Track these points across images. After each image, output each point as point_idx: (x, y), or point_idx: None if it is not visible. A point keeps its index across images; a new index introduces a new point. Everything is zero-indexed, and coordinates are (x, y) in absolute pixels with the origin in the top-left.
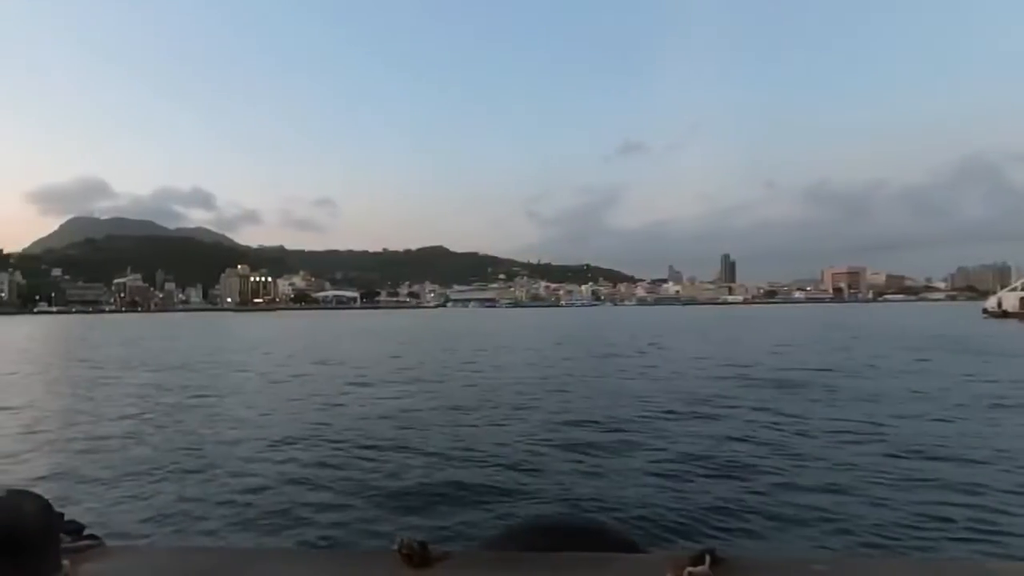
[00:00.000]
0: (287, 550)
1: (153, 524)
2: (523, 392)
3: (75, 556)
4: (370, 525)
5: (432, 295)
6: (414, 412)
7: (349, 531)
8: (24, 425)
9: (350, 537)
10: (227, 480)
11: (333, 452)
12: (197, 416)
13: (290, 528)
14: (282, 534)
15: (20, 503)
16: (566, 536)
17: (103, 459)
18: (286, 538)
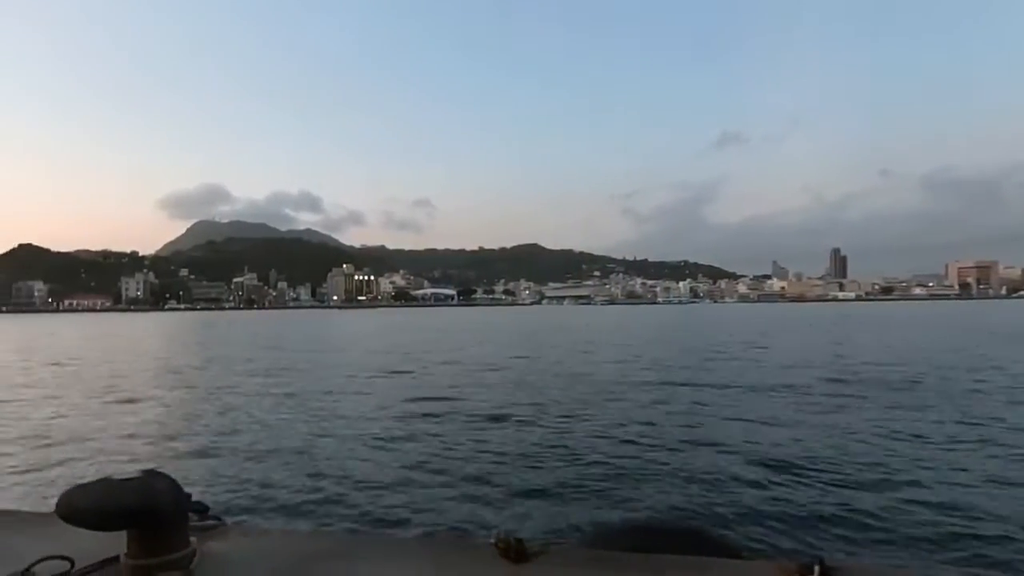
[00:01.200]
0: (389, 538)
1: (268, 507)
2: (624, 389)
3: (201, 534)
4: (469, 518)
5: (527, 292)
6: (518, 407)
7: (448, 522)
8: (157, 413)
9: (448, 528)
10: (338, 468)
11: (439, 445)
12: (313, 407)
13: (393, 517)
14: (385, 522)
15: (154, 483)
16: (664, 538)
17: (226, 444)
18: (388, 526)
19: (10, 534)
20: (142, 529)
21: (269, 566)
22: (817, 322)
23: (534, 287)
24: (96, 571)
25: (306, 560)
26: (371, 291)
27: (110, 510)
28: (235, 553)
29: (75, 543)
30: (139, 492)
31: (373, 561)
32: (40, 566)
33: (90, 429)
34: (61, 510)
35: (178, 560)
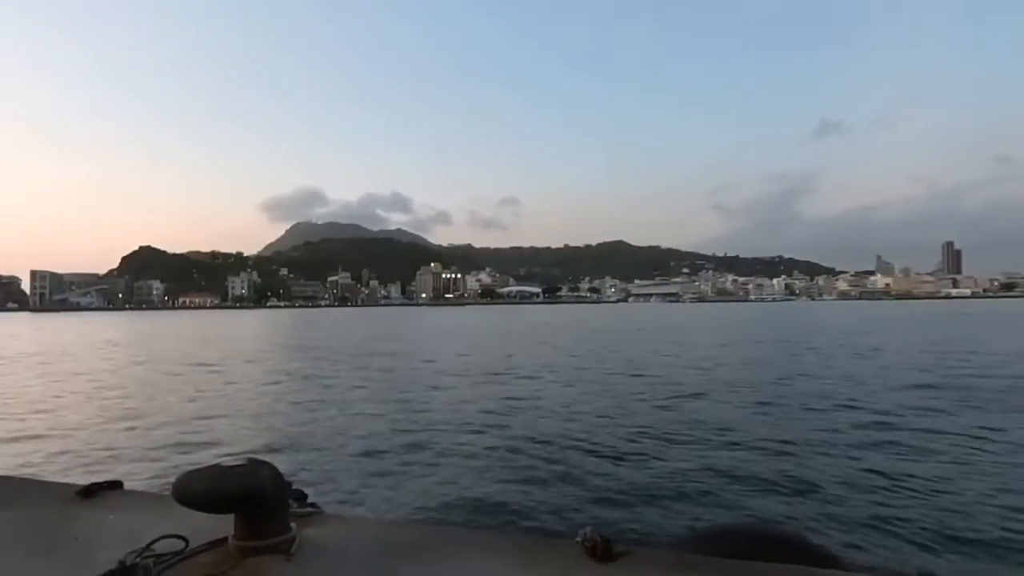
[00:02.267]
0: (476, 531)
1: (361, 496)
2: (719, 389)
3: (300, 520)
4: (556, 515)
5: (613, 290)
6: (605, 406)
7: (534, 518)
8: (262, 403)
9: (535, 524)
10: (430, 460)
11: (528, 440)
12: (408, 400)
13: (480, 510)
14: (472, 515)
15: (258, 470)
16: (758, 545)
17: (323, 435)
18: (475, 519)
19: (134, 513)
20: (247, 513)
21: (362, 553)
22: (933, 321)
23: (620, 285)
24: (207, 550)
25: (396, 549)
26: (458, 289)
27: (219, 494)
28: (331, 540)
29: (189, 523)
30: (245, 478)
31: (460, 553)
32: (159, 543)
33: (204, 417)
34: (176, 493)
35: (280, 544)
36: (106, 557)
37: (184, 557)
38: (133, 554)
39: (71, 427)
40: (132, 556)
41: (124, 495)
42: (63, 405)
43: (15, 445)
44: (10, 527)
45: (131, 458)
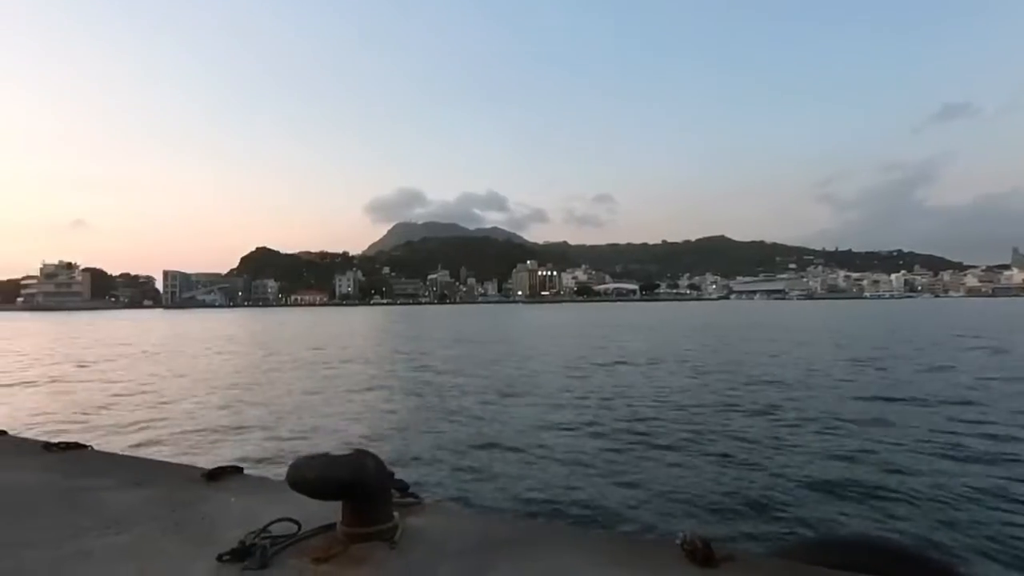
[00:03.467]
0: (573, 528)
1: (461, 489)
2: (837, 394)
3: (402, 509)
4: (654, 515)
5: (714, 287)
6: (711, 404)
7: (633, 517)
8: (370, 396)
9: (632, 524)
10: (528, 455)
11: (629, 438)
12: (506, 395)
13: (578, 506)
14: (570, 511)
15: (364, 460)
16: (872, 558)
17: (423, 427)
18: (572, 515)
19: (252, 496)
20: (354, 501)
21: (460, 544)
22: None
23: (721, 281)
24: (317, 534)
25: (493, 542)
26: (554, 286)
27: (328, 482)
28: (431, 529)
29: (301, 508)
30: (351, 468)
31: (556, 549)
32: (275, 526)
33: (318, 409)
34: (289, 479)
35: (383, 532)
36: (228, 536)
37: (297, 540)
38: (252, 534)
39: (198, 415)
40: (251, 536)
41: (244, 479)
42: (191, 395)
43: (153, 430)
44: (147, 505)
45: (250, 445)
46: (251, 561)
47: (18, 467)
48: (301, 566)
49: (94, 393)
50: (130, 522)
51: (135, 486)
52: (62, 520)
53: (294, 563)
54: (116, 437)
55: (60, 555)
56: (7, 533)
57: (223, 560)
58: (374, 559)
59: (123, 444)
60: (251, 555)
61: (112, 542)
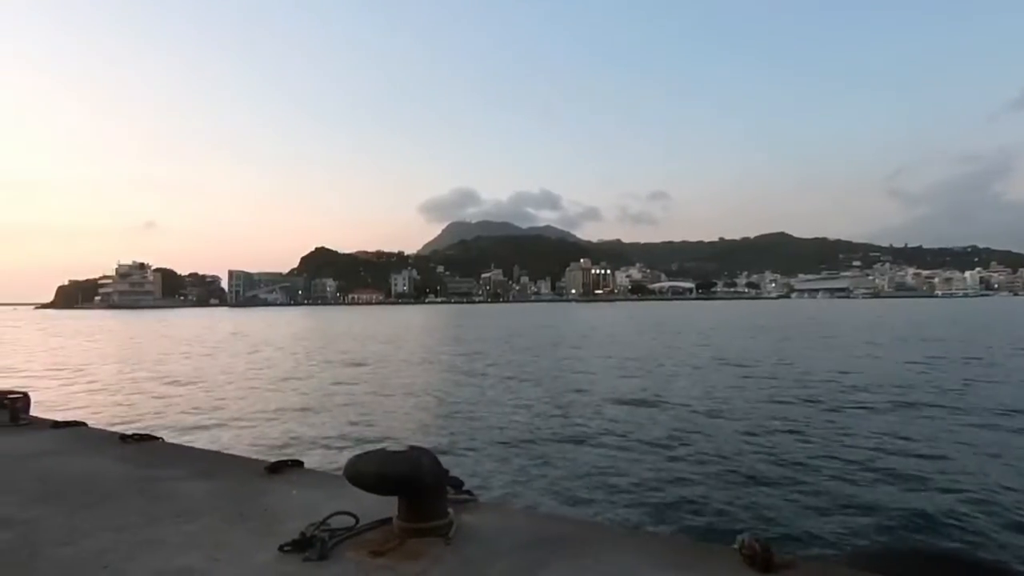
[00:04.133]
0: (629, 529)
1: (514, 487)
2: (911, 396)
3: (457, 506)
4: (710, 517)
5: (773, 285)
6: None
7: (691, 519)
8: (425, 394)
9: (688, 526)
10: (581, 453)
11: (685, 438)
12: (564, 394)
13: (633, 507)
14: (624, 511)
15: (419, 457)
16: (944, 568)
17: (478, 425)
18: (627, 516)
19: (312, 490)
20: (409, 496)
21: (514, 542)
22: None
23: (781, 279)
24: (374, 528)
25: (547, 541)
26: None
27: (384, 478)
28: (485, 527)
29: (358, 502)
30: (407, 464)
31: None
32: (334, 519)
33: (377, 405)
34: (347, 474)
35: (438, 527)
36: (290, 527)
37: (354, 533)
38: (312, 526)
39: (261, 409)
40: (311, 528)
41: (304, 473)
42: (255, 390)
43: (220, 423)
44: (213, 496)
45: (310, 440)
46: (311, 552)
47: (97, 457)
48: (359, 559)
49: (166, 388)
50: (198, 511)
51: (203, 477)
52: (137, 508)
53: (352, 556)
54: (185, 430)
55: (137, 540)
56: (91, 518)
57: (285, 550)
58: (430, 554)
59: (192, 437)
60: (311, 546)
61: (182, 530)
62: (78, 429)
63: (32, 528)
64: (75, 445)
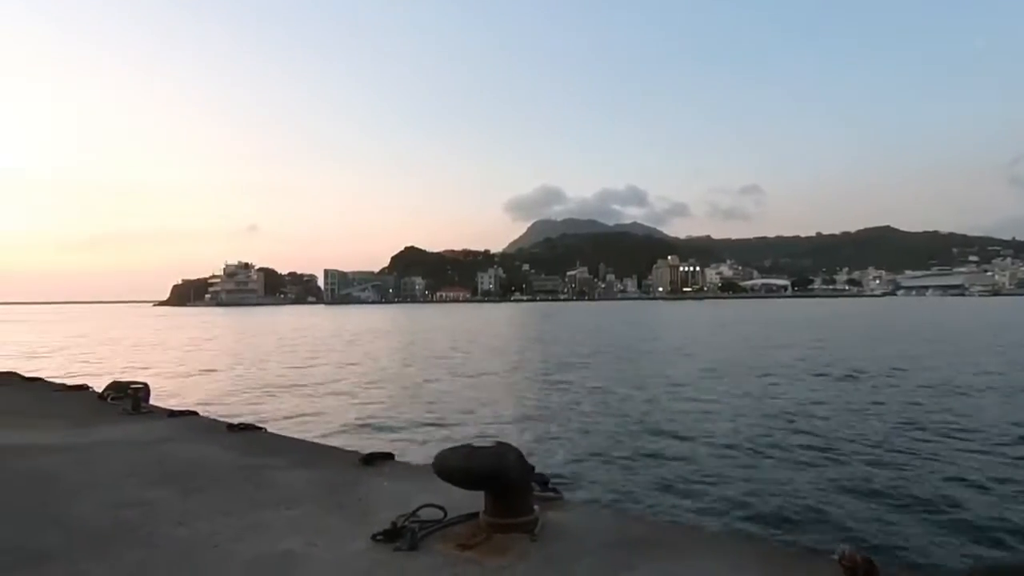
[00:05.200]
0: (720, 534)
1: (601, 486)
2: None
3: (543, 503)
4: (807, 526)
5: (877, 282)
6: (893, 416)
7: (781, 527)
8: (514, 391)
9: (788, 535)
10: (673, 456)
11: (782, 442)
12: (653, 394)
13: (725, 512)
14: (714, 516)
15: (505, 453)
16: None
17: (566, 422)
18: (717, 521)
19: (403, 482)
20: (495, 492)
21: (600, 541)
22: None
23: (886, 275)
24: (462, 522)
25: (633, 542)
26: (696, 282)
27: (471, 472)
28: (571, 525)
29: (446, 496)
30: (493, 459)
31: (698, 555)
32: (423, 511)
33: (465, 400)
34: (435, 467)
35: (524, 524)
36: (382, 517)
37: (443, 526)
38: (402, 517)
39: (355, 402)
40: (401, 519)
41: (395, 465)
42: (350, 384)
43: (317, 415)
44: (311, 484)
45: (400, 433)
46: (402, 542)
47: (207, 445)
48: (446, 551)
49: (269, 380)
50: (298, 499)
51: (302, 467)
52: (243, 493)
53: (440, 548)
54: (286, 420)
55: (243, 524)
56: (202, 501)
57: (377, 540)
58: (516, 550)
59: (291, 427)
60: (402, 537)
61: (283, 516)
62: (190, 418)
63: (151, 508)
64: (188, 433)
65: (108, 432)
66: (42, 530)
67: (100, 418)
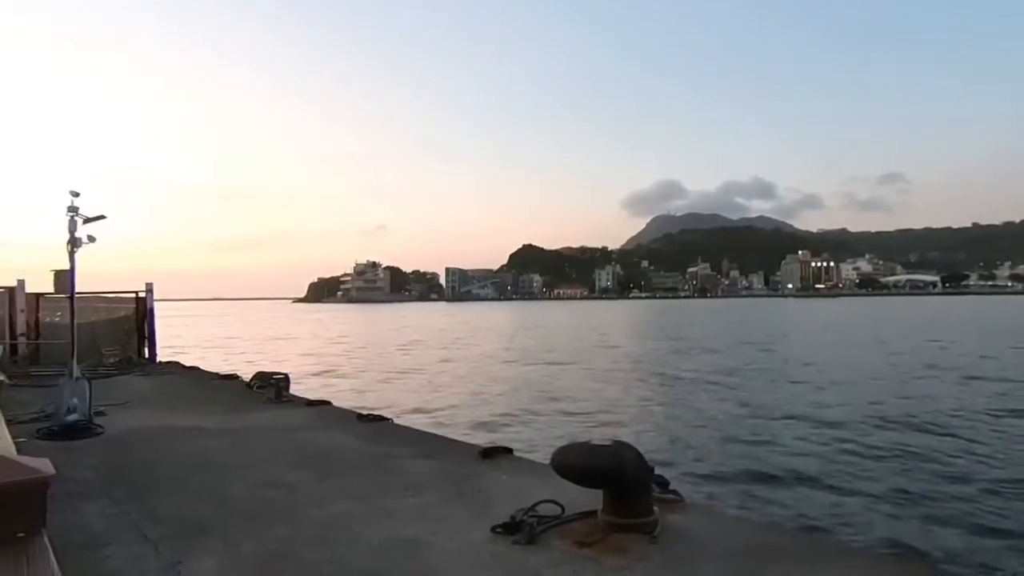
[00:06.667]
0: (857, 548)
1: (724, 490)
2: None
3: (662, 506)
4: (963, 549)
5: None
6: None
7: (929, 549)
8: (635, 390)
9: (931, 554)
10: (806, 462)
11: (925, 455)
12: (784, 399)
13: (861, 525)
14: (849, 529)
15: (623, 451)
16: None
17: (690, 425)
18: (853, 534)
19: (520, 476)
20: (613, 491)
21: (723, 548)
22: None
23: None
24: (579, 519)
25: (762, 550)
26: (830, 278)
27: (589, 470)
28: (693, 529)
29: (563, 492)
30: (612, 458)
31: (832, 569)
32: (541, 506)
33: (584, 397)
34: (554, 464)
35: (644, 525)
36: (500, 511)
37: (561, 522)
38: (521, 511)
39: (475, 396)
40: (520, 513)
41: (513, 460)
42: (470, 378)
43: (439, 408)
44: (434, 475)
45: (517, 427)
46: (520, 536)
47: (340, 433)
48: (564, 547)
49: (396, 373)
50: (421, 488)
51: (425, 457)
52: (372, 480)
53: (558, 544)
54: (410, 412)
55: (372, 509)
56: (335, 485)
57: (496, 532)
58: (635, 551)
59: (415, 419)
60: (520, 530)
61: (408, 504)
62: (325, 407)
63: (293, 490)
64: (323, 421)
65: (255, 418)
66: (201, 505)
67: (248, 405)
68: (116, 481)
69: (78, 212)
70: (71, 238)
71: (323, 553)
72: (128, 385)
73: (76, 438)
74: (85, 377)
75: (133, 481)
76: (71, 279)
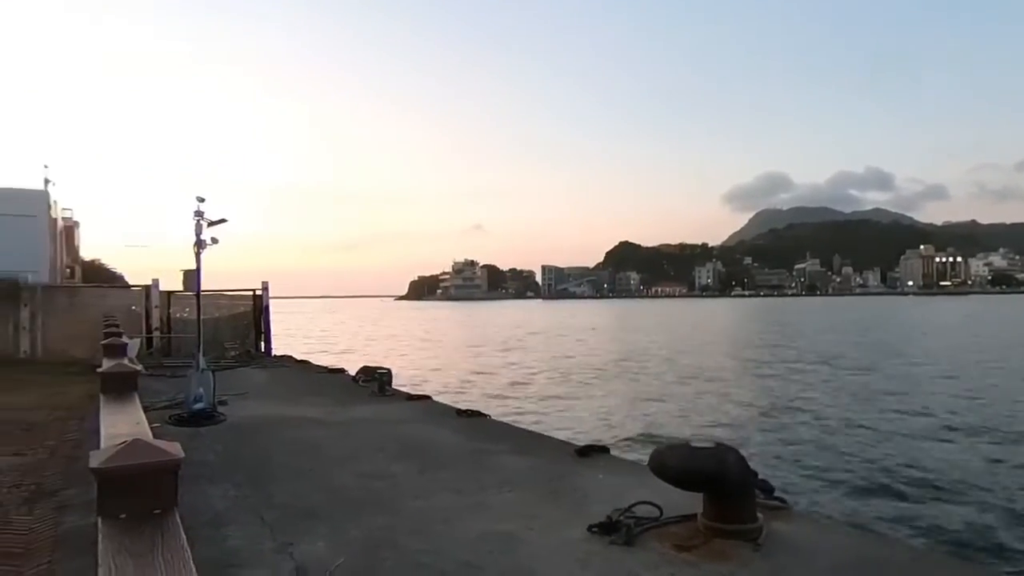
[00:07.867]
0: (976, 564)
1: (833, 500)
2: None
3: (766, 512)
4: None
5: None
6: None
7: None
8: (741, 393)
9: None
10: (923, 474)
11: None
12: (903, 409)
13: (979, 541)
14: (967, 546)
15: (724, 455)
16: None
17: (798, 431)
18: (971, 551)
19: (617, 476)
20: (714, 495)
21: (833, 560)
22: None
23: None
24: (678, 522)
25: (872, 563)
26: (957, 275)
27: (689, 473)
28: (799, 538)
29: (661, 494)
30: (712, 461)
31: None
32: (639, 507)
33: (684, 398)
34: (652, 465)
35: (747, 531)
36: (596, 510)
37: (659, 524)
38: (617, 511)
39: (573, 394)
40: (616, 513)
41: (610, 459)
42: (567, 375)
43: (535, 405)
44: (530, 471)
45: (615, 427)
46: (617, 536)
47: (439, 427)
48: (662, 550)
49: (494, 369)
50: (517, 483)
51: (521, 454)
52: (470, 474)
53: (656, 546)
54: (507, 408)
55: (469, 503)
56: (435, 478)
57: (592, 531)
58: (738, 557)
59: (512, 415)
60: (617, 531)
61: (504, 498)
62: (426, 402)
63: (396, 481)
64: (423, 415)
65: (360, 411)
66: (312, 492)
67: (354, 398)
68: (236, 466)
69: (203, 216)
70: (197, 240)
71: (423, 543)
72: (247, 377)
73: (202, 425)
74: (210, 369)
75: (251, 467)
76: (197, 278)
